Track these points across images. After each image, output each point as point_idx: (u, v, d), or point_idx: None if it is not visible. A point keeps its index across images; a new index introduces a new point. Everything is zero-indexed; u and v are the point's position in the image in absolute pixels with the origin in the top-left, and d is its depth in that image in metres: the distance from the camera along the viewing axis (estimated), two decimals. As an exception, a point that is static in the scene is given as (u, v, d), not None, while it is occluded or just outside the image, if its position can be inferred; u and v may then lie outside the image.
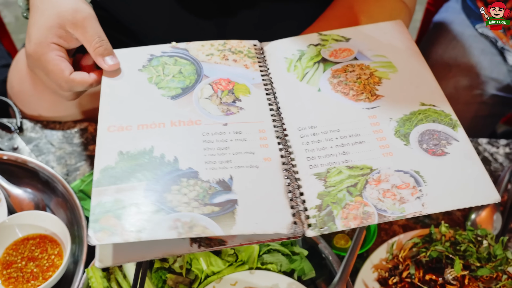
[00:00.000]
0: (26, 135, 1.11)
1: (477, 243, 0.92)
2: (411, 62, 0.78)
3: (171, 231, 0.60)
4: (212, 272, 0.85)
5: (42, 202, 0.98)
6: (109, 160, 0.67)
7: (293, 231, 0.62)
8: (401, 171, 0.66)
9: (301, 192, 0.67)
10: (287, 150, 0.70)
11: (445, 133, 0.69)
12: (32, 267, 0.90)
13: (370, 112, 0.72)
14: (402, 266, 0.91)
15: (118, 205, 0.63)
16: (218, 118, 0.72)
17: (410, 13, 1.03)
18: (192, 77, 0.78)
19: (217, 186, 0.65)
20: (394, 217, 0.63)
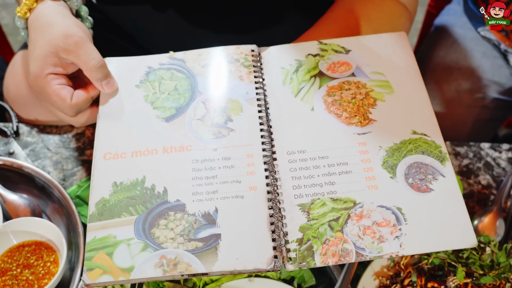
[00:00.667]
0: (22, 140, 1.10)
1: (480, 250, 0.91)
2: (409, 83, 0.77)
3: (157, 269, 0.64)
4: (210, 280, 0.84)
5: (38, 208, 0.97)
6: (104, 192, 0.70)
7: (273, 266, 0.64)
8: (383, 207, 0.67)
9: (284, 224, 0.67)
10: (273, 177, 0.70)
11: (432, 167, 0.69)
12: (28, 275, 0.88)
13: (360, 138, 0.72)
14: (403, 273, 0.90)
15: (110, 241, 0.66)
16: (208, 142, 0.73)
17: (410, 17, 1.01)
18: (186, 94, 0.78)
19: (202, 219, 0.67)
20: (371, 257, 0.64)
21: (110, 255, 0.65)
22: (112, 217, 0.68)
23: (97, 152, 0.74)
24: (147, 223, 0.67)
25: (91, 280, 0.64)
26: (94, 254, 0.65)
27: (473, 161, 1.11)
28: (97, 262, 0.65)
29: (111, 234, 0.67)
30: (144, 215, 0.68)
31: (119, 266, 0.64)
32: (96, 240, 0.67)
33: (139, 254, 0.65)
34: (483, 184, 1.08)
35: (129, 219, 0.68)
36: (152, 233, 0.67)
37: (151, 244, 0.65)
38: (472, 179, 1.09)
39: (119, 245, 0.66)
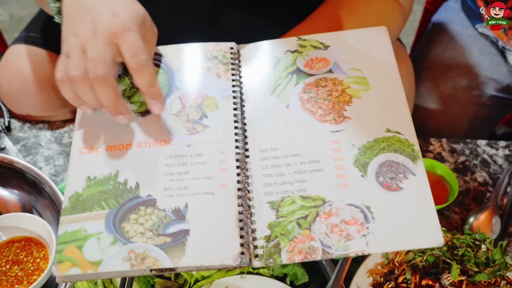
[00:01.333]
0: (14, 135, 1.09)
1: (475, 248, 0.90)
2: (386, 80, 0.76)
3: (124, 263, 0.64)
4: (202, 277, 0.83)
5: (29, 204, 0.96)
6: (78, 186, 0.70)
7: (239, 262, 0.64)
8: (352, 205, 0.67)
9: (253, 221, 0.68)
10: (245, 175, 0.71)
11: (404, 165, 0.69)
12: (17, 271, 0.87)
13: (334, 136, 0.72)
14: (397, 271, 0.89)
15: (81, 235, 0.66)
16: (182, 138, 0.73)
17: (404, 13, 1.00)
18: (163, 89, 0.78)
19: (172, 215, 0.67)
20: (337, 255, 0.64)
21: (80, 248, 0.65)
22: (84, 211, 0.68)
23: (74, 147, 0.74)
24: (118, 218, 0.68)
25: (61, 273, 0.64)
26: (65, 247, 0.66)
27: (469, 158, 1.10)
28: (67, 255, 0.65)
29: (82, 228, 0.67)
30: (116, 210, 0.68)
31: (88, 259, 0.65)
32: (68, 233, 0.67)
33: (108, 248, 0.65)
34: (480, 181, 1.07)
35: (100, 213, 0.68)
36: (122, 227, 0.67)
37: (120, 238, 0.66)
38: (468, 176, 1.08)
39: (89, 238, 0.66)
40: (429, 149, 1.12)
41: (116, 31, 0.68)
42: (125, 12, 0.70)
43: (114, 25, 0.68)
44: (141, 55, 0.68)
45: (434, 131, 1.35)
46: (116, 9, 0.70)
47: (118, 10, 0.70)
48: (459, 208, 1.03)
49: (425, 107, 1.35)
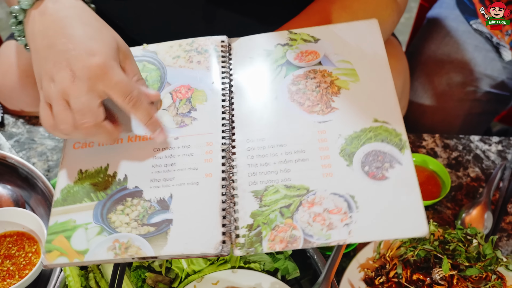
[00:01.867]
0: (7, 131, 1.09)
1: (466, 242, 0.90)
2: (376, 71, 0.76)
3: (109, 252, 0.66)
4: (193, 271, 0.83)
5: (21, 199, 0.96)
6: (69, 179, 0.73)
7: (220, 251, 0.65)
8: (336, 194, 0.67)
9: (236, 210, 0.68)
10: (230, 165, 0.72)
11: (390, 155, 0.68)
12: (9, 265, 0.87)
13: (321, 126, 0.72)
14: (389, 265, 0.89)
15: (70, 225, 0.69)
16: (171, 131, 0.75)
17: (399, 9, 1.00)
18: (155, 85, 0.80)
19: (157, 205, 0.69)
20: (319, 244, 0.64)
21: (68, 238, 0.68)
22: (74, 203, 0.71)
23: (67, 141, 0.76)
24: (106, 209, 0.70)
25: (49, 262, 0.67)
26: (54, 237, 0.68)
27: (462, 154, 1.10)
28: (56, 245, 0.68)
29: (72, 219, 0.69)
30: (104, 201, 0.70)
31: (75, 248, 0.67)
32: (58, 224, 0.69)
33: (94, 237, 0.68)
34: (472, 177, 1.07)
35: (89, 205, 0.70)
36: (109, 218, 0.69)
37: (106, 228, 0.68)
38: (461, 172, 1.08)
39: (77, 229, 0.68)
40: (422, 145, 1.12)
41: (97, 73, 0.65)
42: (99, 47, 0.67)
43: (93, 68, 0.65)
44: (131, 91, 0.67)
45: (428, 127, 1.35)
46: (90, 46, 0.67)
47: (92, 47, 0.67)
48: (452, 203, 1.03)
49: (419, 103, 1.35)
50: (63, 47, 0.67)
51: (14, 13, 0.73)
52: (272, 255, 0.85)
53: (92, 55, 0.66)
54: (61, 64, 0.66)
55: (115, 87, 0.66)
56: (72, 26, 0.68)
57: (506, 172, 1.05)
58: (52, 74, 0.67)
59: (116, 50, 0.69)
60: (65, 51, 0.66)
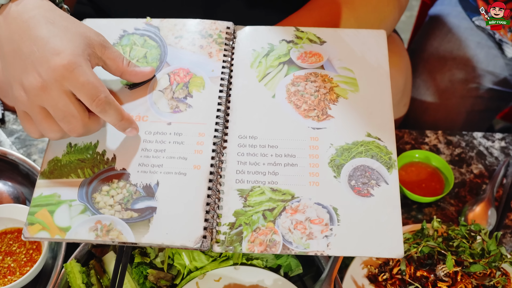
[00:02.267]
0: (8, 128, 1.09)
1: (470, 239, 0.89)
2: (376, 84, 0.77)
3: (90, 232, 0.66)
4: (195, 268, 0.82)
5: (22, 195, 0.96)
6: (58, 152, 0.72)
7: (200, 245, 0.66)
8: (320, 205, 0.68)
9: (220, 206, 0.69)
10: (219, 159, 0.72)
11: (378, 172, 0.70)
12: (9, 262, 0.87)
13: (314, 133, 0.73)
14: (392, 262, 0.89)
15: (54, 200, 0.69)
16: (164, 115, 0.74)
17: (400, 5, 0.99)
18: (154, 63, 0.79)
19: (142, 191, 0.69)
20: (297, 252, 0.65)
21: (51, 213, 0.68)
22: (60, 177, 0.71)
23: None
24: (91, 188, 0.70)
25: (30, 234, 0.67)
26: (38, 210, 0.68)
27: (465, 150, 1.10)
28: (39, 218, 0.68)
29: (56, 193, 0.69)
30: (90, 179, 0.70)
31: (58, 224, 0.67)
32: (42, 196, 0.69)
33: (77, 216, 0.68)
34: (475, 173, 1.06)
35: (75, 181, 0.70)
36: (93, 197, 0.69)
37: (90, 208, 0.68)
38: (464, 168, 1.07)
39: (61, 204, 0.68)
40: (425, 141, 1.12)
41: (62, 73, 0.63)
42: (64, 45, 0.65)
43: (57, 68, 0.63)
44: (98, 95, 0.65)
45: (430, 124, 1.34)
46: (54, 45, 0.64)
47: (55, 45, 0.64)
48: (455, 200, 1.02)
49: (421, 100, 1.34)
50: (27, 49, 0.65)
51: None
52: (274, 252, 0.85)
53: (55, 54, 0.64)
54: (27, 67, 0.64)
55: (81, 89, 0.64)
56: (36, 28, 0.66)
57: (509, 168, 1.05)
58: (20, 80, 0.65)
59: (84, 46, 0.67)
60: (30, 53, 0.65)
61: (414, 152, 1.04)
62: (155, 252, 0.83)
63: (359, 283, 0.88)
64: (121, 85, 0.77)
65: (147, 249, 0.83)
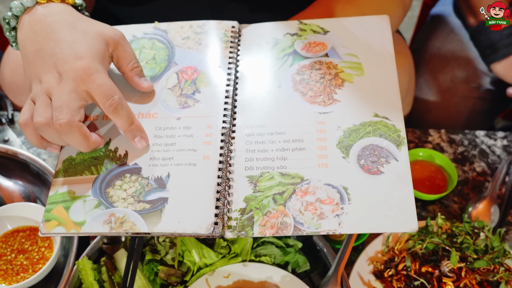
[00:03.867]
0: (18, 127, 1.10)
1: (474, 235, 0.91)
2: (382, 66, 0.77)
3: (105, 225, 0.68)
4: (204, 264, 0.84)
5: (33, 194, 0.97)
6: (72, 151, 0.75)
7: (212, 232, 0.67)
8: (330, 185, 0.68)
9: (230, 193, 0.70)
10: (228, 149, 0.73)
11: (387, 150, 0.70)
12: (22, 260, 0.88)
13: (321, 117, 0.73)
14: (398, 258, 0.90)
15: (70, 196, 0.71)
16: (173, 111, 0.76)
17: (404, 5, 1.01)
18: (163, 64, 0.81)
19: (153, 183, 0.71)
20: (309, 232, 0.66)
21: (67, 209, 0.70)
22: (75, 175, 0.73)
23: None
24: (105, 183, 0.72)
25: (47, 230, 0.69)
26: (54, 207, 0.70)
27: (468, 149, 1.12)
28: (55, 214, 0.70)
29: (71, 190, 0.71)
30: (103, 175, 0.72)
31: (73, 219, 0.69)
32: (58, 194, 0.71)
33: (92, 210, 0.70)
34: (478, 171, 1.08)
35: (89, 178, 0.72)
36: (107, 192, 0.71)
37: (104, 202, 0.70)
38: (467, 166, 1.09)
39: (76, 200, 0.70)
40: (428, 140, 1.13)
41: (82, 76, 0.67)
42: (85, 51, 0.69)
43: (78, 70, 0.67)
44: (113, 95, 0.68)
45: (432, 124, 1.36)
46: (76, 50, 0.69)
47: (78, 50, 0.69)
48: (458, 198, 1.04)
49: (424, 100, 1.36)
50: (51, 51, 0.69)
51: (7, 19, 0.74)
52: (282, 249, 0.86)
53: (78, 58, 0.68)
54: (49, 66, 0.68)
55: (97, 89, 0.68)
56: (60, 32, 0.70)
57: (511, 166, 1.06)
58: (40, 76, 0.69)
59: (102, 51, 0.71)
60: (53, 54, 0.69)
61: (418, 150, 1.06)
62: (166, 249, 0.84)
63: (365, 279, 0.90)
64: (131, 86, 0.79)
65: (158, 246, 0.84)
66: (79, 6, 0.77)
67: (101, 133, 0.75)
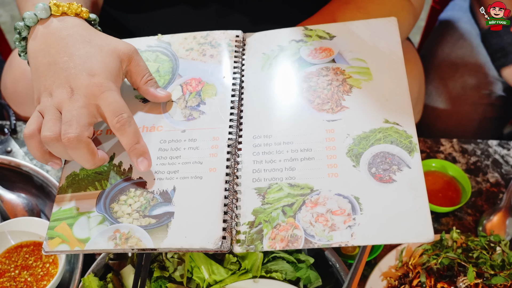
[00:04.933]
0: (20, 138, 1.08)
1: (490, 250, 0.88)
2: (390, 70, 0.75)
3: (109, 242, 0.66)
4: (214, 281, 0.82)
5: (37, 207, 0.95)
6: (75, 167, 0.73)
7: (220, 246, 0.65)
8: (340, 195, 0.66)
9: (238, 206, 0.68)
10: (235, 160, 0.71)
11: (399, 157, 0.67)
12: (26, 276, 0.86)
13: (329, 125, 0.71)
14: (412, 274, 0.88)
15: (73, 213, 0.69)
16: (178, 124, 0.75)
17: (415, 11, 0.99)
18: (167, 76, 0.80)
19: (159, 197, 0.69)
20: (320, 245, 0.63)
21: (70, 226, 0.68)
22: (78, 191, 0.71)
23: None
24: (109, 198, 0.70)
25: (50, 248, 0.67)
26: (57, 224, 0.69)
27: (481, 159, 1.09)
28: (58, 231, 0.68)
29: (75, 206, 0.70)
30: (108, 190, 0.71)
31: (77, 236, 0.67)
32: (61, 211, 0.70)
33: (96, 226, 0.68)
34: (492, 182, 1.06)
35: (93, 193, 0.71)
36: (111, 207, 0.69)
37: (108, 218, 0.68)
38: (480, 177, 1.07)
39: (80, 217, 0.69)
40: (440, 150, 1.11)
41: (94, 92, 0.67)
42: (99, 68, 0.68)
43: (91, 87, 0.67)
44: (122, 113, 0.68)
45: (442, 131, 1.34)
46: (90, 66, 0.68)
47: (92, 67, 0.68)
48: (472, 210, 1.02)
49: (433, 107, 1.34)
50: (64, 65, 0.68)
51: (19, 29, 0.73)
52: (294, 264, 0.84)
53: (91, 75, 0.68)
54: (61, 80, 0.67)
55: (108, 106, 0.67)
56: (74, 46, 0.70)
57: (525, 177, 1.04)
58: (51, 89, 0.68)
59: (116, 68, 0.70)
60: (66, 69, 0.68)
61: (430, 161, 1.04)
62: (174, 265, 0.82)
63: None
64: (135, 99, 0.78)
65: (166, 262, 0.82)
66: (93, 21, 0.76)
67: (105, 148, 0.74)
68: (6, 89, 1.11)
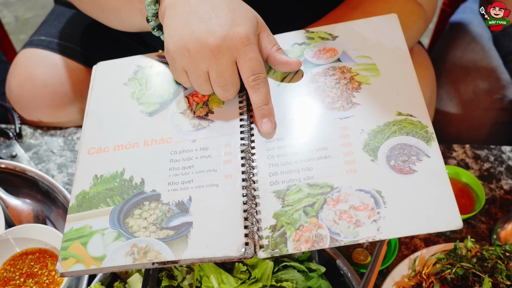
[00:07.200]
0: (25, 142, 1.06)
1: (505, 259, 0.86)
2: (397, 64, 0.75)
3: (127, 257, 0.65)
4: (223, 291, 0.80)
5: (42, 214, 0.93)
6: (85, 185, 0.72)
7: (244, 253, 0.63)
8: (362, 191, 0.65)
9: (258, 211, 0.67)
10: (250, 166, 0.70)
11: (417, 147, 0.67)
12: (31, 284, 0.84)
13: (342, 122, 0.71)
14: (425, 283, 0.86)
15: (86, 231, 0.67)
16: (187, 134, 0.74)
17: (425, 15, 0.97)
18: (171, 89, 0.80)
19: (175, 208, 0.68)
20: (346, 242, 0.62)
21: (84, 244, 0.67)
22: (90, 209, 0.69)
23: (82, 147, 0.75)
24: (123, 213, 0.68)
25: (65, 269, 0.65)
26: (70, 244, 0.67)
27: (494, 165, 1.07)
28: (72, 251, 0.66)
29: (88, 225, 0.68)
30: (120, 206, 0.69)
31: (92, 255, 0.65)
32: (73, 230, 0.68)
33: (112, 243, 0.66)
34: (506, 189, 1.04)
35: (105, 210, 0.69)
36: (126, 222, 0.67)
37: (124, 233, 0.67)
38: (493, 184, 1.05)
39: (94, 235, 0.67)
40: (452, 156, 1.09)
41: (237, 45, 0.67)
42: (242, 20, 0.69)
43: (235, 38, 0.67)
44: (260, 72, 0.69)
45: (454, 136, 1.32)
46: (233, 17, 0.69)
47: (236, 17, 0.69)
48: (486, 217, 1.00)
49: (444, 111, 1.32)
50: (205, 15, 0.68)
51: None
52: (305, 273, 0.82)
53: (236, 25, 0.68)
54: (201, 30, 0.67)
55: (248, 62, 0.69)
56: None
57: (540, 184, 1.02)
58: (188, 42, 0.68)
59: (256, 26, 0.71)
60: (208, 19, 0.68)
61: (443, 167, 1.02)
62: (183, 274, 0.80)
63: (392, 306, 0.86)
64: (140, 114, 0.77)
65: (174, 271, 0.81)
66: None
67: (113, 163, 0.73)
68: (11, 92, 1.09)
